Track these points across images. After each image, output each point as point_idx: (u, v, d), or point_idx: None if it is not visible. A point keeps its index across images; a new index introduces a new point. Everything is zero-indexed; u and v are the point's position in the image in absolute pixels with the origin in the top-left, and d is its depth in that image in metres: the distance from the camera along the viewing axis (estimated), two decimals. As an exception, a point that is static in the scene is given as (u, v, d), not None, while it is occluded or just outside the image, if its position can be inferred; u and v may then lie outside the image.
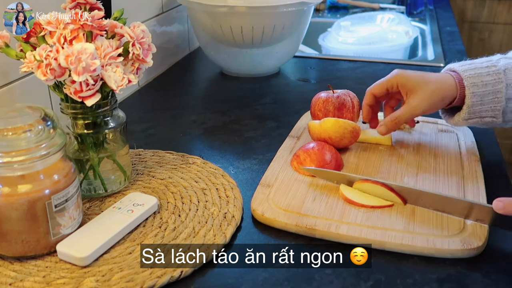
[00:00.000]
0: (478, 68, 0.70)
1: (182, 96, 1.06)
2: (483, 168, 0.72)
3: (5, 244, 0.54)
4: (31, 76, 0.75)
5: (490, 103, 0.70)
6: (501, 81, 0.69)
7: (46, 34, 0.59)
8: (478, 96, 0.69)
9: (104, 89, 0.61)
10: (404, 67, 1.21)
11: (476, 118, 0.71)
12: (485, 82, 0.69)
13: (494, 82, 0.69)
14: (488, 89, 0.69)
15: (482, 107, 0.70)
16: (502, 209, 0.55)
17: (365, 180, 0.64)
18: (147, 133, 0.87)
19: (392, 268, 0.54)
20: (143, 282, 0.51)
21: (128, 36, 0.60)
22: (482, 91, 0.69)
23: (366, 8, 1.90)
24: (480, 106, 0.70)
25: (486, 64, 0.71)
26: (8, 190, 0.52)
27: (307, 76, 1.21)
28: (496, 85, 0.69)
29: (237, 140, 0.85)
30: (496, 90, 0.69)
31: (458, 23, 1.93)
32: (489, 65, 0.71)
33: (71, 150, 0.65)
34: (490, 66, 0.70)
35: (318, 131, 0.75)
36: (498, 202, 0.55)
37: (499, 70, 0.69)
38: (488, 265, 0.55)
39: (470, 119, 0.72)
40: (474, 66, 0.71)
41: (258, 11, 1.03)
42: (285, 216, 0.61)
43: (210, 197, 0.66)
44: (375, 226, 0.59)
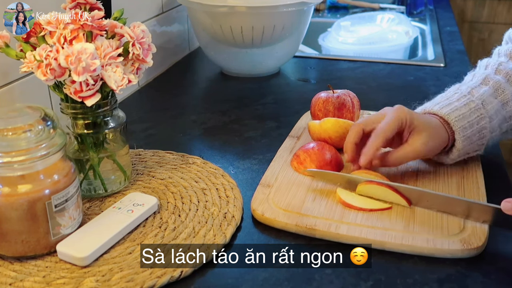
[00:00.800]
0: (460, 108, 0.68)
1: (182, 96, 1.06)
2: (483, 168, 0.72)
3: (5, 244, 0.54)
4: (31, 76, 0.75)
5: (477, 140, 0.68)
6: (484, 117, 0.67)
7: (46, 34, 0.59)
8: (468, 139, 0.67)
9: (104, 89, 0.61)
10: (404, 67, 1.22)
11: (463, 155, 0.70)
12: (471, 122, 0.67)
13: (478, 120, 0.67)
14: (474, 128, 0.67)
15: (470, 146, 0.68)
16: (511, 210, 0.54)
17: (370, 182, 0.63)
18: (147, 133, 0.87)
19: (392, 268, 0.54)
20: (143, 282, 0.51)
21: (128, 36, 0.60)
22: (470, 132, 0.67)
23: (366, 8, 1.91)
24: (469, 146, 0.68)
25: (464, 101, 0.68)
26: (8, 190, 0.52)
27: (307, 76, 1.21)
28: (480, 122, 0.67)
29: (237, 140, 0.85)
30: (481, 128, 0.67)
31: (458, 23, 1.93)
32: (467, 101, 0.68)
33: (71, 150, 0.65)
34: (469, 103, 0.68)
35: (318, 131, 0.75)
36: (506, 203, 0.55)
37: (478, 105, 0.68)
38: (488, 265, 0.55)
39: (458, 158, 0.70)
40: (455, 107, 0.68)
41: (258, 11, 1.03)
42: (285, 216, 0.61)
43: (210, 197, 0.66)
44: (375, 226, 0.59)
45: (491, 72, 0.73)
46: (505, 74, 0.72)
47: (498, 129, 0.70)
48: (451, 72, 1.18)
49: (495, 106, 0.69)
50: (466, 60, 1.28)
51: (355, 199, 0.63)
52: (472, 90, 0.70)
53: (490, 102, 0.69)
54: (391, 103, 0.78)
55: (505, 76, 0.72)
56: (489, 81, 0.71)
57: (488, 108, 0.68)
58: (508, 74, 0.72)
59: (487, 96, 0.69)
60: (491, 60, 0.76)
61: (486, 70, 0.74)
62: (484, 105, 0.68)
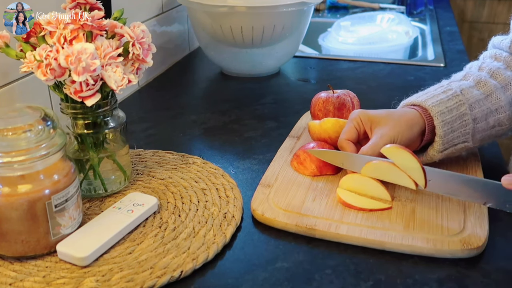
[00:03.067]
0: (437, 95, 0.68)
1: (182, 96, 1.06)
2: (483, 168, 0.72)
3: (5, 244, 0.54)
4: (31, 76, 0.75)
5: (459, 128, 0.67)
6: (462, 103, 0.67)
7: (46, 34, 0.59)
8: (448, 124, 0.66)
9: (104, 89, 0.61)
10: (404, 67, 1.22)
11: (450, 147, 0.68)
12: (449, 107, 0.66)
13: (457, 106, 0.67)
14: (454, 114, 0.66)
15: (454, 134, 0.67)
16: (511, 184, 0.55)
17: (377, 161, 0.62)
18: (147, 133, 0.87)
19: (392, 268, 0.54)
20: (143, 282, 0.51)
21: (128, 36, 0.60)
22: (450, 118, 0.66)
23: (366, 8, 1.91)
24: (451, 134, 0.67)
25: (441, 90, 0.69)
26: (8, 190, 0.52)
27: (307, 76, 1.21)
28: (460, 108, 0.67)
29: (237, 140, 0.85)
30: (461, 114, 0.67)
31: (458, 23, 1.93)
32: (445, 90, 0.68)
33: (71, 150, 0.65)
34: (446, 91, 0.68)
35: (318, 131, 0.75)
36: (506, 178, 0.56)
37: (456, 93, 0.68)
38: (488, 265, 0.55)
39: (445, 150, 0.68)
40: (432, 94, 0.68)
41: (258, 11, 1.03)
42: (285, 216, 0.61)
43: (210, 197, 0.66)
44: (375, 226, 0.59)
45: (474, 71, 0.73)
46: (488, 70, 0.72)
47: (485, 121, 0.69)
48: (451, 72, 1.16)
49: (475, 96, 0.68)
50: (466, 60, 1.27)
51: (355, 199, 0.63)
52: (451, 83, 0.70)
53: (469, 91, 0.68)
54: (391, 103, 0.78)
55: (488, 72, 0.72)
56: (470, 76, 0.72)
57: (467, 97, 0.68)
58: (491, 70, 0.72)
59: (466, 87, 0.69)
60: (475, 62, 0.77)
61: (468, 70, 0.75)
62: (462, 93, 0.68)
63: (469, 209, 0.61)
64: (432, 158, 0.69)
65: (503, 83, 0.71)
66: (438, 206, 0.63)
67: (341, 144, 0.69)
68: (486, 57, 0.77)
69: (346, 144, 0.68)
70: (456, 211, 0.61)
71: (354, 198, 0.63)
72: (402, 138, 0.66)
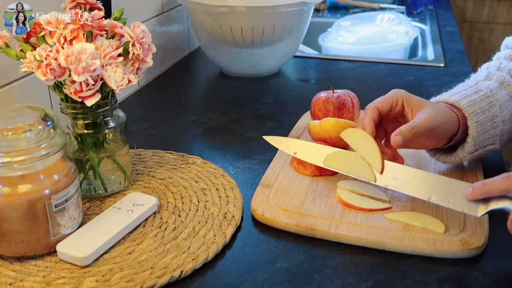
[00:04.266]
0: (469, 95, 0.66)
1: (182, 96, 1.06)
2: (483, 168, 0.72)
3: (5, 244, 0.54)
4: (31, 76, 0.75)
5: (490, 129, 0.66)
6: (494, 105, 0.66)
7: (46, 34, 0.59)
8: (481, 125, 0.65)
9: (104, 89, 0.61)
10: (404, 67, 1.22)
11: (480, 149, 0.67)
12: (483, 108, 0.65)
13: (489, 107, 0.66)
14: (486, 115, 0.65)
15: (485, 135, 0.66)
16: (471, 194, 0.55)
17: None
18: (147, 133, 0.87)
19: (392, 268, 0.54)
20: (143, 282, 0.51)
21: (128, 36, 0.60)
22: (483, 119, 0.65)
23: (366, 8, 1.91)
24: (483, 135, 0.65)
25: (472, 90, 0.67)
26: (8, 190, 0.52)
27: (307, 76, 1.21)
28: (491, 109, 0.65)
29: (237, 140, 0.85)
30: (493, 115, 0.65)
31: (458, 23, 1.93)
32: (476, 90, 0.67)
33: (71, 150, 0.65)
34: (477, 91, 0.67)
35: (318, 131, 0.75)
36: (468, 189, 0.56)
37: (487, 93, 0.66)
38: (488, 265, 0.55)
39: (475, 152, 0.67)
40: (464, 94, 0.67)
41: (258, 11, 1.03)
42: (285, 216, 0.61)
43: (210, 197, 0.66)
44: (375, 226, 0.59)
45: (493, 70, 0.72)
46: (508, 71, 0.71)
47: (510, 122, 0.68)
48: (451, 72, 1.18)
49: (503, 97, 0.67)
50: (466, 60, 1.28)
51: (355, 199, 0.63)
52: (478, 83, 0.69)
53: (498, 92, 0.67)
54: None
55: (508, 72, 0.71)
56: (493, 76, 0.70)
57: (497, 97, 0.66)
58: (510, 71, 0.71)
59: (494, 87, 0.68)
60: (491, 63, 0.76)
61: (487, 70, 0.74)
62: (493, 94, 0.67)
63: (469, 209, 0.61)
64: (461, 159, 0.68)
65: None
66: (438, 206, 0.62)
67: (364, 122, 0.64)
68: (501, 58, 0.76)
69: (368, 124, 0.64)
70: (456, 211, 0.61)
71: (354, 198, 0.63)
72: (442, 128, 0.64)
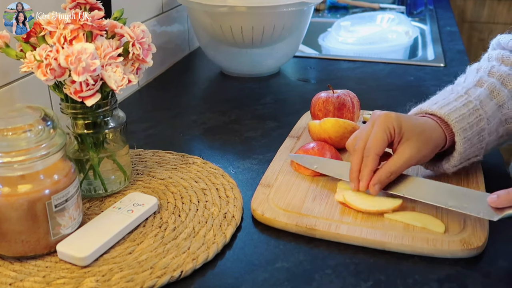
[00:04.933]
0: (459, 108, 0.65)
1: (182, 96, 1.06)
2: (483, 168, 0.72)
3: (5, 244, 0.54)
4: (31, 76, 0.75)
5: (476, 143, 0.65)
6: (482, 118, 0.65)
7: (46, 34, 0.59)
8: (468, 141, 0.64)
9: (104, 89, 0.61)
10: (404, 67, 1.22)
11: (465, 161, 0.66)
12: (471, 123, 0.64)
13: (477, 121, 0.65)
14: (474, 130, 0.65)
15: (471, 150, 0.65)
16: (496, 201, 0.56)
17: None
18: (147, 133, 0.87)
19: (392, 268, 0.54)
20: (143, 282, 0.51)
21: (128, 36, 0.60)
22: (470, 134, 0.64)
23: (366, 8, 1.91)
24: (469, 150, 0.65)
25: (462, 101, 0.66)
26: (8, 190, 0.52)
27: (307, 76, 1.21)
28: (480, 123, 0.65)
29: (237, 140, 0.85)
30: (480, 129, 0.65)
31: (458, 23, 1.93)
32: (465, 102, 0.66)
33: (71, 150, 0.65)
34: (467, 103, 0.66)
35: (318, 131, 0.75)
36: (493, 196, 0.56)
37: (476, 106, 0.65)
38: (488, 265, 0.55)
39: (460, 164, 0.66)
40: (455, 107, 0.65)
41: (258, 11, 1.03)
42: (285, 216, 0.61)
43: (210, 197, 0.66)
44: (375, 226, 0.59)
45: (484, 75, 0.71)
46: (498, 76, 0.70)
47: (495, 133, 0.68)
48: (451, 72, 1.18)
49: (492, 108, 0.67)
50: (466, 60, 1.28)
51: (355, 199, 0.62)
52: (468, 91, 0.68)
53: (487, 103, 0.67)
54: (391, 103, 0.78)
55: (498, 78, 0.70)
56: (484, 83, 0.69)
57: (486, 109, 0.66)
58: (501, 77, 0.70)
59: (483, 97, 0.67)
60: (481, 64, 0.75)
61: (478, 73, 0.72)
62: (482, 106, 0.66)
63: (469, 209, 0.61)
64: (445, 171, 0.67)
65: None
66: (438, 206, 0.62)
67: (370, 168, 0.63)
68: (493, 59, 0.75)
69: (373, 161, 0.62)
70: (456, 211, 0.61)
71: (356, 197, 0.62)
72: (424, 160, 0.64)
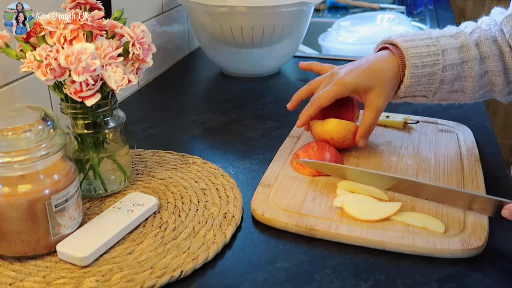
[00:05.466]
0: (420, 47, 0.70)
1: (182, 96, 1.06)
2: (483, 168, 0.72)
3: (5, 244, 0.54)
4: (31, 76, 0.75)
5: (425, 84, 0.70)
6: (438, 63, 0.69)
7: (46, 34, 0.59)
8: (416, 78, 0.69)
9: (104, 89, 0.61)
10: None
11: (409, 97, 0.72)
12: (425, 63, 0.69)
13: (432, 64, 0.69)
14: (426, 70, 0.69)
15: (417, 88, 0.70)
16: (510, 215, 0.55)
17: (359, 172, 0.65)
18: (147, 133, 0.87)
19: (392, 268, 0.54)
20: (143, 282, 0.51)
21: (128, 36, 0.60)
22: (420, 72, 0.69)
23: (366, 8, 1.90)
24: (415, 87, 0.70)
25: (427, 42, 0.70)
26: (8, 190, 0.52)
27: (307, 76, 1.21)
28: (433, 67, 0.69)
29: (237, 140, 0.85)
30: (432, 72, 0.69)
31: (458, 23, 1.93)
32: (429, 44, 0.70)
33: (71, 150, 0.65)
34: (430, 46, 0.70)
35: (320, 131, 0.75)
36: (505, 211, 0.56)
37: (437, 51, 0.69)
38: (488, 265, 0.55)
39: (404, 97, 0.73)
40: (416, 44, 0.70)
41: (258, 11, 1.03)
42: (285, 216, 0.61)
43: (210, 197, 0.66)
44: (375, 226, 0.59)
45: (467, 32, 0.74)
46: (476, 37, 0.72)
47: (450, 84, 0.71)
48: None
49: (453, 60, 0.70)
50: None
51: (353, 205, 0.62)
52: (440, 38, 0.71)
53: (451, 53, 0.70)
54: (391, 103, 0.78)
55: (476, 39, 0.72)
56: (460, 36, 0.72)
57: (446, 58, 0.69)
58: (479, 39, 0.72)
59: (450, 47, 0.70)
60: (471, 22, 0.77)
61: (464, 28, 0.75)
62: (443, 54, 0.69)
63: (469, 209, 0.62)
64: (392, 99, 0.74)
65: (484, 55, 0.71)
66: (438, 206, 0.62)
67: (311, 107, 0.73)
68: (483, 23, 0.77)
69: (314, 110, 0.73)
70: (456, 211, 0.61)
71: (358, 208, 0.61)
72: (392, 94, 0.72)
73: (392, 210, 0.60)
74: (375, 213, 0.60)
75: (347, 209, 0.61)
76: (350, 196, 0.64)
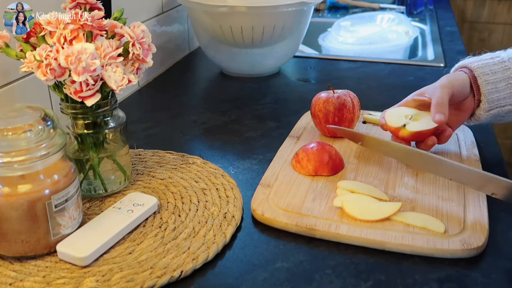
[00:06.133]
0: (484, 60, 0.73)
1: (182, 96, 1.06)
2: (483, 168, 0.72)
3: (5, 244, 0.54)
4: (31, 76, 0.75)
5: (505, 89, 0.71)
6: (508, 68, 0.72)
7: (46, 34, 0.59)
8: (491, 84, 0.71)
9: (104, 89, 0.61)
10: (404, 67, 1.22)
11: (497, 108, 0.72)
12: (494, 70, 0.72)
13: (502, 70, 0.72)
14: (499, 76, 0.71)
15: (499, 95, 0.71)
16: None
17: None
18: (147, 133, 0.87)
19: (392, 268, 0.54)
20: (143, 282, 0.51)
21: (128, 36, 0.60)
22: (493, 79, 0.71)
23: (366, 8, 1.91)
24: (497, 94, 0.71)
25: (489, 56, 0.74)
26: (8, 190, 0.52)
27: (307, 76, 1.21)
28: (505, 72, 0.72)
29: (237, 140, 0.85)
30: (507, 77, 0.71)
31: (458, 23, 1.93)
32: (492, 56, 0.74)
33: (71, 150, 0.65)
34: (493, 57, 0.74)
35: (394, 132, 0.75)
36: None
37: (503, 59, 0.73)
38: (488, 265, 0.55)
39: (492, 110, 0.73)
40: (479, 59, 0.74)
41: (258, 11, 1.03)
42: (285, 216, 0.61)
43: (210, 197, 0.66)
44: (375, 226, 0.59)
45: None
46: None
47: None
48: (451, 72, 1.18)
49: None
50: (466, 60, 1.27)
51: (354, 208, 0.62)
52: (501, 53, 0.75)
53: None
54: (391, 103, 0.78)
55: None
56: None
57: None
58: None
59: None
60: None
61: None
62: (510, 61, 0.72)
63: (469, 209, 0.61)
64: (479, 117, 0.74)
65: None
66: (438, 206, 0.63)
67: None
68: None
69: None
70: (456, 211, 0.61)
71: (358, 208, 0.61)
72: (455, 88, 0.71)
73: (392, 210, 0.60)
74: (375, 213, 0.60)
75: (347, 209, 0.61)
76: (350, 196, 0.64)
